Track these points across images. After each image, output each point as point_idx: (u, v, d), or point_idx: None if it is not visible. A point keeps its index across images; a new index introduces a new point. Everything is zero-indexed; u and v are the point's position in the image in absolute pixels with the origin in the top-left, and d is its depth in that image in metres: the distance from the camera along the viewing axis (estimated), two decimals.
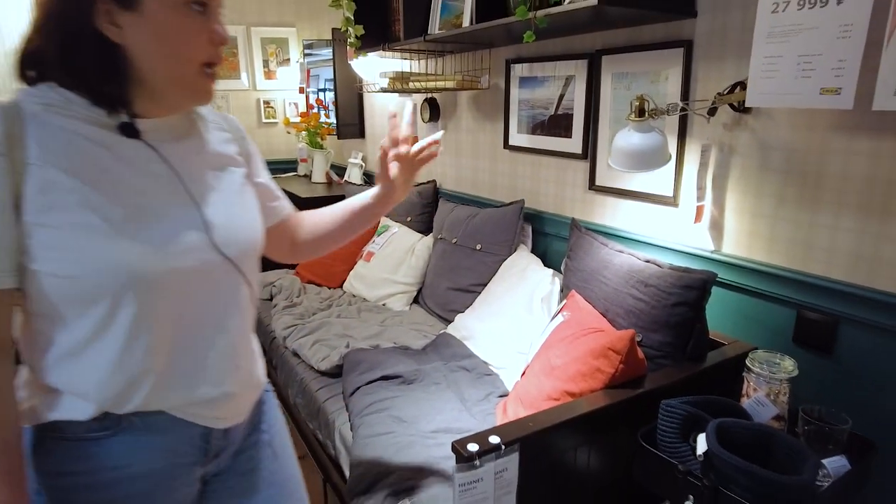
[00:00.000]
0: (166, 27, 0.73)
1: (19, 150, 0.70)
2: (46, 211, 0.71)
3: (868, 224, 1.28)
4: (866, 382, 1.32)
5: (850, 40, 1.14)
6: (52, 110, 0.74)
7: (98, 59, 0.73)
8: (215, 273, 0.83)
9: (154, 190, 0.79)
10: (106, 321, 0.75)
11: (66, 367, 0.77)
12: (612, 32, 1.80)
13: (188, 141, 0.86)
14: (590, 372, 1.32)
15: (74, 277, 0.72)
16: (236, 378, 0.89)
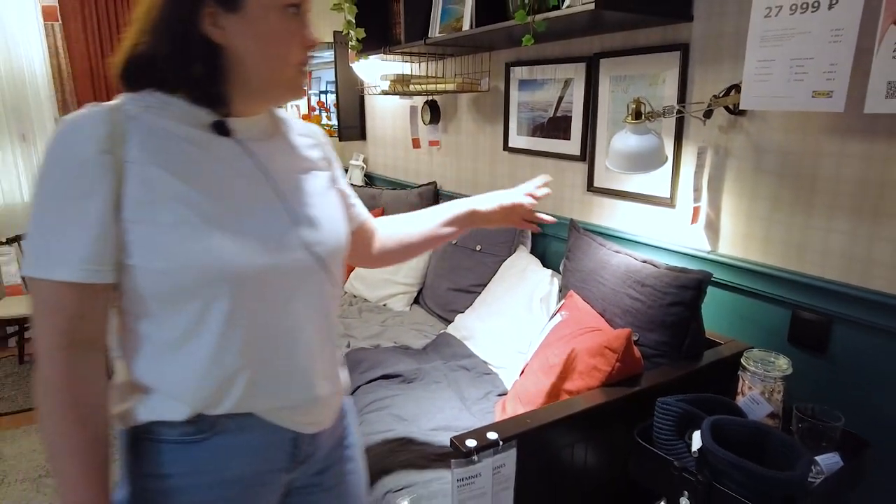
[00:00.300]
0: (267, 29, 0.76)
1: (121, 148, 0.72)
2: (146, 207, 0.73)
3: (860, 226, 1.30)
4: (860, 381, 1.34)
5: (842, 44, 1.17)
6: (151, 112, 0.76)
7: (206, 61, 0.76)
8: (303, 272, 0.84)
9: (245, 188, 0.81)
10: (200, 318, 0.76)
11: (160, 366, 0.78)
12: (610, 36, 1.82)
13: (274, 141, 0.88)
14: (587, 370, 1.34)
15: (171, 273, 0.73)
16: (324, 380, 0.89)
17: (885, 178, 1.24)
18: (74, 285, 0.71)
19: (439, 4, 2.15)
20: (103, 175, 0.71)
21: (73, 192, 0.70)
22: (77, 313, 0.73)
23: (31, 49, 3.24)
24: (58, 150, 0.71)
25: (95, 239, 0.71)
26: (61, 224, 0.70)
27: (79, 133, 0.71)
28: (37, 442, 2.43)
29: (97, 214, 0.71)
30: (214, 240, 0.74)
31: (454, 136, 2.71)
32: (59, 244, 0.70)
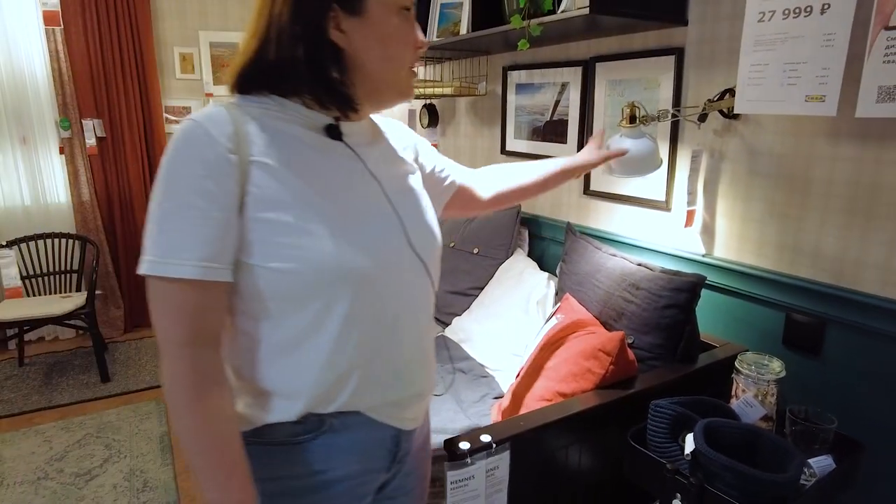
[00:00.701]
0: (387, 30, 0.79)
1: (245, 148, 0.74)
2: (271, 207, 0.73)
3: (852, 228, 1.30)
4: (853, 383, 1.34)
5: (833, 49, 1.17)
6: (270, 114, 0.78)
7: (336, 64, 0.78)
8: (412, 272, 0.86)
9: (360, 191, 0.83)
10: (319, 318, 0.77)
11: (277, 366, 0.78)
12: (606, 40, 1.83)
13: (377, 146, 0.90)
14: (581, 373, 1.35)
15: (296, 273, 0.74)
16: (425, 377, 0.92)
17: (876, 181, 1.25)
18: (196, 283, 0.71)
19: (437, 9, 2.16)
20: (230, 174, 0.72)
21: (199, 192, 0.70)
22: (199, 311, 0.73)
23: (33, 52, 3.25)
24: (185, 149, 0.72)
25: (218, 238, 0.72)
26: (186, 222, 0.70)
27: (207, 132, 0.72)
28: (35, 444, 2.44)
29: (222, 214, 0.71)
30: (338, 241, 0.76)
31: (452, 139, 2.72)
32: (182, 242, 0.70)
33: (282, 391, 0.79)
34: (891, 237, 1.24)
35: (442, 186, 1.09)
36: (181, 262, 0.70)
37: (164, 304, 0.73)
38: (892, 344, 1.26)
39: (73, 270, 3.30)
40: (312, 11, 0.76)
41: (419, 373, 0.90)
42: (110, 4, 3.29)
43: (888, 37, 1.09)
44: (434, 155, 1.09)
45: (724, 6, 1.49)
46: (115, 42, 3.34)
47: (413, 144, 1.02)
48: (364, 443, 0.85)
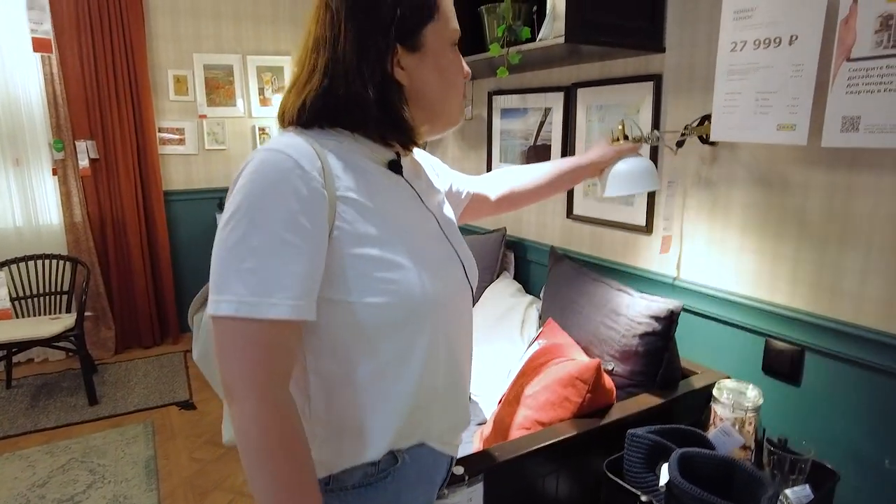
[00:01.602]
0: (444, 63, 0.82)
1: (331, 182, 0.73)
2: (361, 242, 0.73)
3: (826, 256, 1.30)
4: (831, 412, 1.33)
5: (802, 79, 1.19)
6: (344, 147, 0.79)
7: (402, 101, 0.80)
8: (467, 301, 0.90)
9: (422, 224, 0.85)
10: (408, 349, 0.77)
11: (360, 405, 0.78)
12: (587, 66, 1.85)
13: (421, 178, 0.93)
14: (558, 401, 1.34)
15: (390, 306, 0.74)
16: (469, 401, 0.96)
17: (848, 210, 1.25)
18: (285, 323, 0.68)
19: None
20: (323, 210, 0.71)
21: (294, 227, 0.68)
22: (282, 352, 0.70)
23: (27, 75, 3.28)
24: (279, 182, 0.69)
25: (309, 276, 0.69)
26: (279, 260, 0.67)
27: (299, 165, 0.70)
28: (19, 469, 2.41)
29: (314, 250, 0.70)
30: (422, 273, 0.77)
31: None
32: (277, 281, 0.67)
33: (365, 431, 0.78)
34: (863, 265, 1.24)
35: (459, 200, 1.13)
36: (277, 302, 0.67)
37: (248, 347, 0.68)
38: (866, 372, 1.25)
39: (63, 292, 3.30)
40: (377, 52, 0.77)
41: (468, 395, 0.94)
42: (105, 28, 3.33)
43: (850, 68, 1.10)
44: (448, 172, 1.12)
45: (700, 34, 1.51)
46: (110, 64, 3.38)
47: (433, 167, 1.04)
48: (430, 474, 0.87)
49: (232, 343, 0.68)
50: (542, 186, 1.30)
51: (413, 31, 0.78)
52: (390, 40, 0.77)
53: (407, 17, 0.78)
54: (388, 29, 0.77)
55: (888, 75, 1.07)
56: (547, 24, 1.51)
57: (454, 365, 0.87)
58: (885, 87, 1.07)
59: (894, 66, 1.06)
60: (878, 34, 1.08)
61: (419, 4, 0.79)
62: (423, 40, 0.79)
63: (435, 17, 0.80)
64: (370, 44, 0.77)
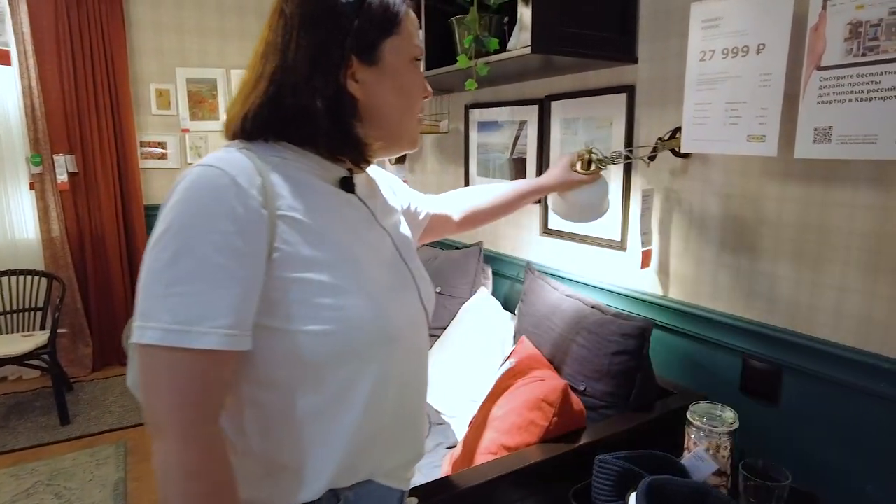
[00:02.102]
0: (402, 80, 0.78)
1: (272, 200, 0.68)
2: (303, 265, 0.68)
3: (803, 271, 1.26)
4: (810, 433, 1.27)
5: (770, 89, 1.15)
6: (289, 163, 0.73)
7: (354, 115, 0.75)
8: (423, 327, 0.84)
9: (376, 245, 0.80)
10: (353, 381, 0.72)
11: (299, 439, 0.72)
12: (560, 79, 1.82)
13: (377, 196, 0.87)
14: (525, 425, 1.28)
15: (334, 335, 0.68)
16: (424, 434, 0.90)
17: (823, 223, 1.21)
18: (216, 353, 0.62)
19: None
20: (261, 231, 0.65)
21: (227, 250, 0.63)
22: (212, 385, 0.64)
23: (5, 88, 3.25)
24: (211, 201, 0.63)
25: (243, 301, 0.64)
26: (209, 285, 0.62)
27: (235, 182, 0.64)
28: None
29: (249, 274, 0.64)
30: (372, 299, 0.72)
31: (421, 176, 2.70)
32: (206, 308, 0.62)
33: (303, 469, 0.72)
34: (840, 281, 1.19)
35: (417, 221, 1.08)
36: (207, 331, 0.61)
37: (174, 379, 0.62)
38: (844, 392, 1.20)
39: (38, 308, 3.23)
40: (331, 63, 0.73)
41: (424, 429, 0.89)
42: (85, 42, 3.30)
43: (821, 77, 1.07)
44: (406, 192, 1.08)
45: (673, 45, 1.47)
46: (90, 78, 3.34)
47: (390, 185, 0.99)
48: None
49: (156, 375, 0.63)
50: (502, 206, 1.30)
51: (371, 44, 0.74)
52: (346, 51, 0.73)
53: (365, 28, 0.74)
54: (345, 39, 0.73)
55: (859, 84, 1.03)
56: (515, 34, 1.48)
57: (406, 398, 0.81)
58: (857, 97, 1.03)
59: (865, 75, 1.02)
60: (848, 42, 1.04)
61: (379, 17, 0.75)
62: (381, 54, 0.75)
63: (396, 32, 0.76)
64: (324, 53, 0.72)
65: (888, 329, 1.13)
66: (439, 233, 1.21)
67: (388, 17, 0.75)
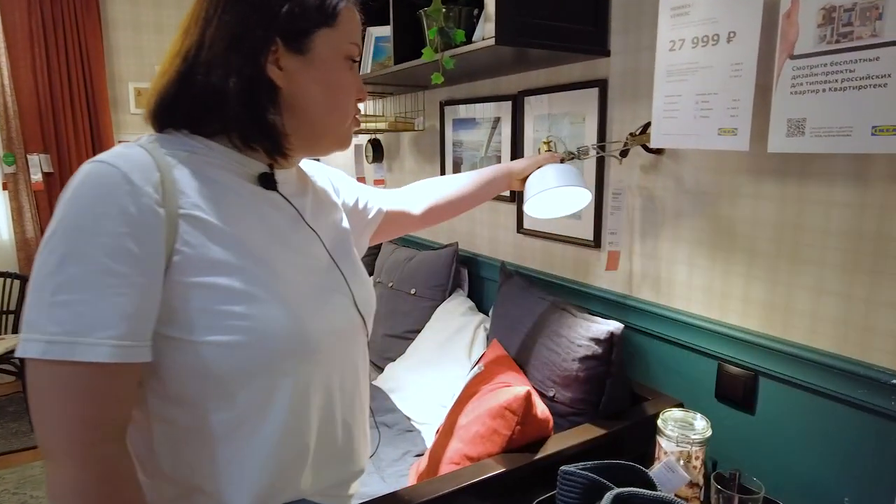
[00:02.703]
0: (332, 76, 0.72)
1: (173, 199, 0.62)
2: (207, 269, 0.62)
3: (778, 272, 1.19)
4: (786, 442, 1.21)
5: (742, 79, 1.09)
6: (197, 157, 0.67)
7: (273, 102, 0.69)
8: (357, 334, 0.79)
9: (301, 247, 0.74)
10: (268, 396, 0.66)
11: (213, 458, 0.66)
12: (534, 73, 1.76)
13: (308, 194, 0.81)
14: (487, 434, 1.21)
15: (242, 346, 0.62)
16: (366, 449, 0.84)
17: (799, 222, 1.15)
18: (107, 366, 0.57)
19: (371, 42, 2.09)
20: (157, 232, 0.60)
21: (118, 253, 0.57)
22: (109, 400, 0.59)
23: None
24: (99, 200, 0.58)
25: (138, 309, 0.58)
26: (99, 292, 0.57)
27: (127, 180, 0.59)
28: None
29: (145, 280, 0.59)
30: (288, 307, 0.65)
31: (398, 175, 2.63)
32: (96, 317, 0.56)
33: (220, 490, 0.66)
34: (816, 282, 1.13)
35: (367, 219, 1.01)
36: (96, 342, 0.56)
37: (64, 396, 0.57)
38: (820, 399, 1.14)
39: (10, 311, 3.15)
40: (252, 42, 0.66)
41: (363, 445, 0.82)
42: (60, 39, 3.23)
43: (794, 66, 1.00)
44: (353, 188, 1.00)
45: (645, 36, 1.41)
46: (65, 76, 3.27)
47: (331, 182, 0.92)
48: None
49: (43, 392, 0.57)
50: (467, 196, 1.22)
51: (302, 31, 0.68)
52: (271, 33, 0.66)
53: (297, 14, 0.67)
54: (272, 21, 0.66)
55: (833, 73, 0.97)
56: (480, 25, 1.42)
57: (335, 413, 0.75)
58: (831, 86, 0.97)
59: (839, 63, 0.96)
60: (822, 28, 0.98)
61: (315, 5, 0.69)
62: (311, 45, 0.69)
63: (332, 25, 0.70)
64: (246, 32, 0.66)
65: (865, 332, 1.07)
66: (398, 230, 1.14)
67: (325, 7, 0.70)
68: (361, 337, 0.81)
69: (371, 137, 2.62)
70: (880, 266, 1.04)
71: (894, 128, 0.89)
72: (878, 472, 1.07)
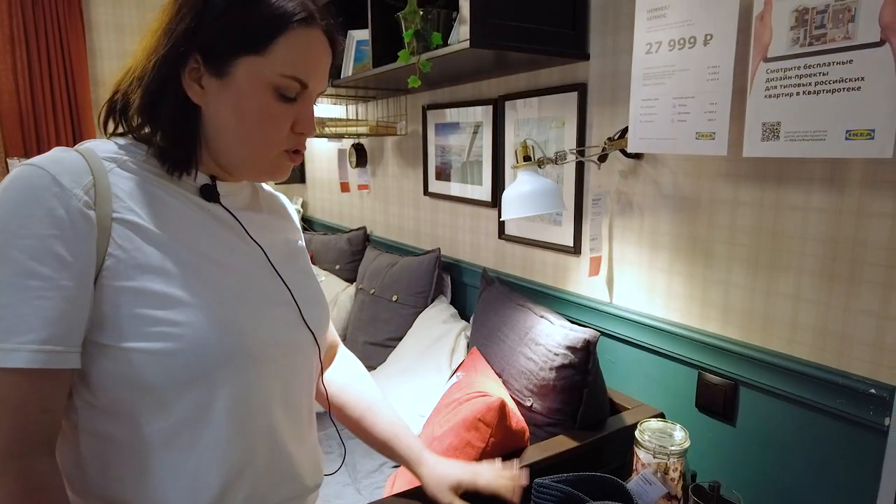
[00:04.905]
0: (248, 106, 0.65)
1: (106, 202, 0.60)
2: (138, 274, 0.60)
3: (757, 280, 1.17)
4: (766, 453, 1.19)
5: (719, 82, 1.07)
6: (135, 163, 0.66)
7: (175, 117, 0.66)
8: (305, 350, 0.76)
9: (242, 258, 0.71)
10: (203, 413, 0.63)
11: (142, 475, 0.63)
12: (515, 78, 1.73)
13: (256, 211, 0.78)
14: (461, 446, 1.18)
15: (171, 355, 0.60)
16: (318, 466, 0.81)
17: (777, 228, 1.13)
18: (31, 373, 0.55)
19: (353, 46, 2.07)
20: (86, 236, 0.58)
21: (44, 256, 0.56)
22: (31, 409, 0.57)
23: None
24: (26, 203, 0.56)
25: (66, 314, 0.57)
26: (22, 295, 0.55)
27: (56, 182, 0.57)
28: None
29: (73, 283, 0.57)
30: (223, 316, 0.63)
31: (382, 180, 2.61)
32: (17, 321, 0.55)
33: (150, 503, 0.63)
34: (795, 290, 1.11)
35: None
36: (15, 348, 0.54)
37: None
38: (799, 409, 1.11)
39: None
40: (174, 56, 0.64)
41: (313, 462, 0.79)
42: (42, 42, 3.19)
43: (767, 69, 0.98)
44: None
45: (624, 39, 1.39)
46: (47, 80, 3.22)
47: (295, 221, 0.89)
48: None
49: None
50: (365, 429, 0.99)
51: (222, 53, 0.64)
52: (191, 49, 0.64)
53: (219, 34, 0.63)
54: (194, 37, 0.63)
55: (806, 76, 0.95)
56: (455, 28, 1.39)
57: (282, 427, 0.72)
58: (804, 90, 0.95)
59: (812, 66, 0.94)
60: (794, 30, 0.96)
61: (239, 29, 0.63)
62: (231, 70, 0.64)
63: (259, 53, 0.64)
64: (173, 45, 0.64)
65: (843, 341, 1.05)
66: None
67: (252, 33, 0.63)
68: (312, 350, 0.78)
69: (355, 142, 2.59)
70: (856, 273, 1.02)
71: (868, 132, 0.88)
72: (857, 482, 1.05)
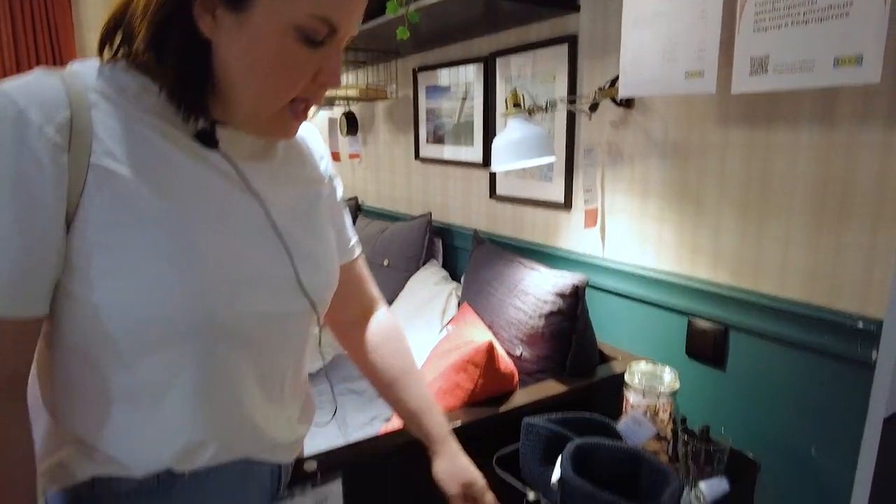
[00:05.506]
0: (262, 50, 0.57)
1: (84, 144, 0.54)
2: (112, 227, 0.55)
3: (747, 223, 1.17)
4: (756, 396, 1.19)
5: (707, 22, 1.06)
6: (125, 97, 0.58)
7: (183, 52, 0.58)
8: (298, 318, 0.70)
9: (240, 217, 0.64)
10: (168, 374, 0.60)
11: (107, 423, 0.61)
12: (505, 34, 1.72)
13: (268, 162, 0.70)
14: (450, 388, 1.18)
15: (139, 314, 0.57)
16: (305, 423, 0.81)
17: (767, 170, 1.13)
18: None
19: None
20: (56, 177, 0.53)
21: (5, 197, 0.51)
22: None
23: None
24: None
25: (25, 258, 0.53)
26: None
27: (21, 118, 0.51)
28: None
29: (36, 227, 0.53)
30: (197, 286, 0.58)
31: (373, 148, 2.59)
32: None
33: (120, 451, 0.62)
34: (785, 232, 1.11)
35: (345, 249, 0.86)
36: None
37: None
38: (789, 350, 1.12)
39: None
40: None
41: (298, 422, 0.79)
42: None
43: (756, 2, 0.98)
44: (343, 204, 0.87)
45: None
46: (32, 52, 3.17)
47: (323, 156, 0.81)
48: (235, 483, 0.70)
49: None
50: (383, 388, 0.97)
51: None
52: None
53: None
54: None
55: (795, 5, 0.94)
56: None
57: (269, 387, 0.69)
58: (793, 20, 0.94)
59: None
60: None
61: None
62: (250, 4, 0.56)
63: None
64: None
65: (833, 280, 1.05)
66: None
67: None
68: (307, 320, 0.72)
69: (345, 110, 2.57)
70: (845, 209, 1.02)
71: (856, 58, 0.87)
72: (844, 421, 1.05)
